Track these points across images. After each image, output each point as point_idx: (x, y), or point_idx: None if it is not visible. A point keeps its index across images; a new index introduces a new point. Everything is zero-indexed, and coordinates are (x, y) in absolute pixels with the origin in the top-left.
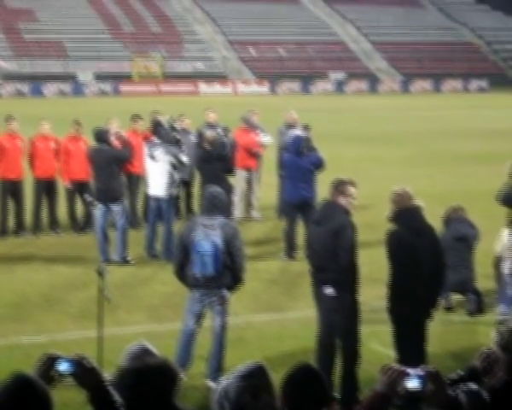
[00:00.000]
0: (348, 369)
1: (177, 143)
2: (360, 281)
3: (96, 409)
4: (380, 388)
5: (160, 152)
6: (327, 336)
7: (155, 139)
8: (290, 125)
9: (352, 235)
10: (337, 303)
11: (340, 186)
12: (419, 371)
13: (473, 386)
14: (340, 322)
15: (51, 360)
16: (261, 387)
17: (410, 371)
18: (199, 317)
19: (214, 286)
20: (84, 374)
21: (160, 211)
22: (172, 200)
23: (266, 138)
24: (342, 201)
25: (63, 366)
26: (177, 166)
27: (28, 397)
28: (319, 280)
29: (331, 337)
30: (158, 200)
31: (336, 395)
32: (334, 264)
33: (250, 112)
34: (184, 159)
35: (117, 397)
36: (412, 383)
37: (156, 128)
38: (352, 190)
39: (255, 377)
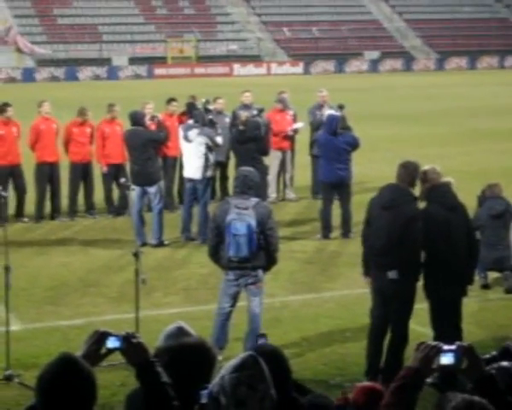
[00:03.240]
0: (394, 353)
1: (211, 124)
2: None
3: (143, 385)
4: (414, 364)
5: (194, 134)
6: (381, 319)
7: (190, 121)
8: (321, 105)
9: (420, 226)
10: (397, 288)
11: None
12: (453, 346)
13: (504, 364)
14: (396, 307)
15: (101, 336)
16: (256, 377)
17: (445, 346)
18: (234, 298)
19: (249, 267)
20: (133, 350)
21: (196, 193)
22: (208, 182)
23: (299, 125)
24: (416, 188)
25: (112, 343)
26: (212, 147)
27: (73, 377)
28: (382, 264)
29: (385, 320)
30: (193, 182)
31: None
32: (400, 249)
33: (281, 92)
34: (219, 140)
35: (164, 374)
36: (446, 359)
37: (191, 110)
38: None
39: (249, 368)
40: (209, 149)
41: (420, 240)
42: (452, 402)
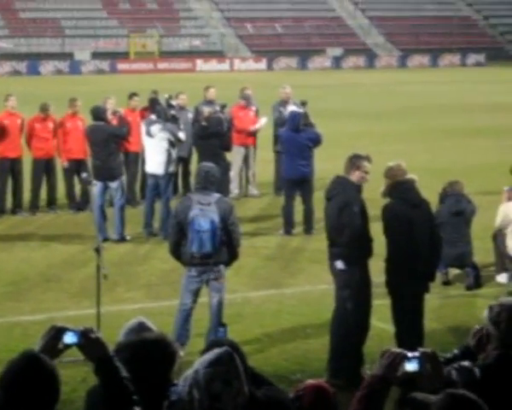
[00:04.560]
0: (353, 344)
1: (174, 120)
2: (369, 256)
3: (102, 380)
4: (379, 371)
5: (157, 129)
6: (340, 311)
7: (153, 117)
8: (285, 101)
9: (357, 211)
10: (346, 277)
11: (355, 160)
12: (417, 353)
13: (465, 363)
14: (348, 296)
15: (58, 332)
16: (231, 373)
17: (409, 354)
18: (196, 294)
19: (211, 263)
20: (90, 345)
21: (158, 188)
22: (170, 177)
23: (263, 122)
24: (355, 176)
25: (69, 338)
26: (174, 143)
27: (36, 374)
28: (331, 254)
29: (344, 312)
30: (155, 177)
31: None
32: (341, 238)
33: (244, 88)
34: (182, 136)
35: (123, 369)
36: (411, 366)
37: (153, 105)
38: (366, 165)
39: (224, 364)
40: (171, 144)
41: (358, 226)
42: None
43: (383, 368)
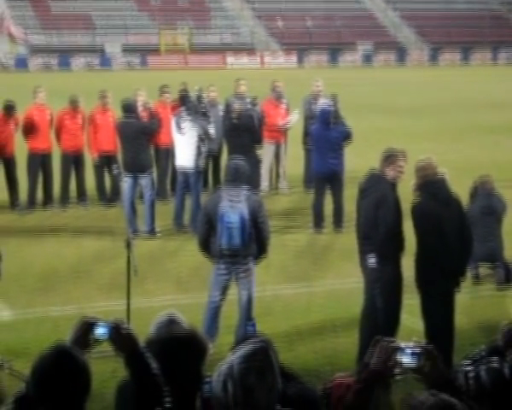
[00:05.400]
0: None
1: (204, 115)
2: (401, 252)
3: (132, 374)
4: (374, 365)
5: (187, 125)
6: (370, 306)
7: (183, 111)
8: (316, 96)
9: (392, 207)
10: (378, 274)
11: (390, 157)
12: (411, 344)
13: (494, 363)
14: (379, 292)
15: (88, 325)
16: (266, 367)
17: (403, 345)
18: (224, 288)
19: (240, 258)
20: (121, 339)
21: (188, 183)
22: (200, 172)
23: (294, 119)
24: (390, 172)
25: (100, 331)
26: (204, 138)
27: (67, 367)
28: (363, 250)
29: (374, 307)
30: (185, 172)
31: None
32: (376, 235)
33: (275, 84)
34: (212, 131)
35: (153, 363)
36: (408, 359)
37: (184, 100)
38: (401, 162)
39: (259, 358)
40: (201, 139)
41: (393, 222)
42: (426, 403)
43: (379, 362)
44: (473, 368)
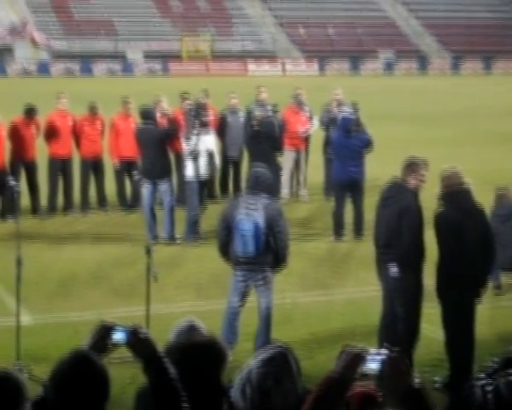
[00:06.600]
0: (402, 350)
1: (203, 124)
2: (423, 261)
3: (150, 379)
4: (336, 372)
5: (190, 149)
6: (389, 316)
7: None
8: (336, 104)
9: (416, 216)
10: (399, 283)
11: (412, 166)
12: (376, 352)
13: None
14: (400, 302)
15: (106, 330)
16: (283, 372)
17: (370, 353)
18: (243, 295)
19: (256, 265)
20: (139, 344)
21: (201, 191)
22: (204, 182)
23: (314, 126)
24: (412, 181)
25: (118, 336)
26: (212, 153)
27: (86, 372)
28: (384, 259)
29: (393, 316)
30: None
31: None
32: (398, 244)
33: (297, 92)
34: (212, 147)
35: (171, 368)
36: (370, 365)
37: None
38: (423, 170)
39: (277, 362)
40: (210, 155)
41: (417, 232)
42: None
43: (341, 368)
44: (490, 381)
